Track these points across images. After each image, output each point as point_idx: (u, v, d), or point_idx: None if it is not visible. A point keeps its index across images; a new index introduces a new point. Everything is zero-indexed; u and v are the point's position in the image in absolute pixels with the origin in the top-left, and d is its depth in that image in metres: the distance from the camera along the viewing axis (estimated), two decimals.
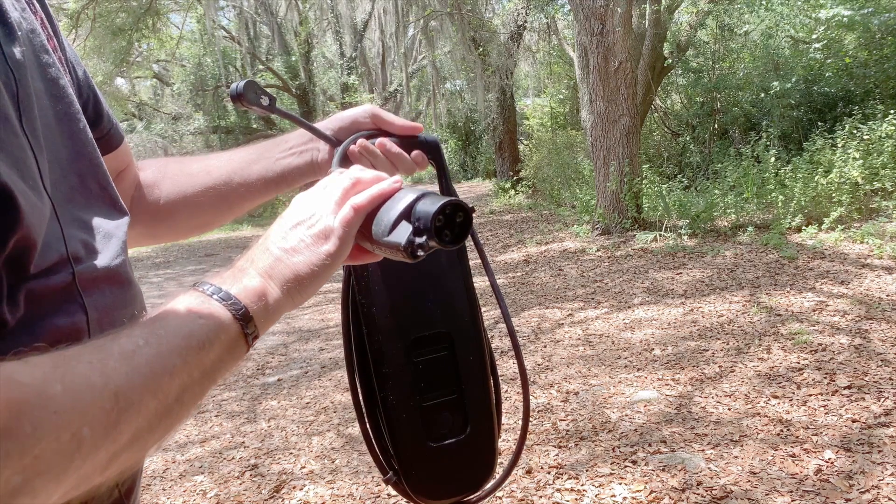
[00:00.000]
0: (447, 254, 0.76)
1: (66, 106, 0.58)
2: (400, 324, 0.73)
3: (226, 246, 12.26)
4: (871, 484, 2.32)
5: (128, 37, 14.21)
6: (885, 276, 4.76)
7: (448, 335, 0.75)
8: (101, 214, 0.59)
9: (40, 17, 0.58)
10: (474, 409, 0.76)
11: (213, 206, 0.85)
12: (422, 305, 0.75)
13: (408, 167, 0.79)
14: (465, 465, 0.76)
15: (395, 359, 0.73)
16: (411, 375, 0.73)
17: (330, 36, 22.00)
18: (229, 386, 4.33)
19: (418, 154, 0.79)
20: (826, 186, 6.62)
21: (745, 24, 10.93)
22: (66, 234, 0.52)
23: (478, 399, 0.76)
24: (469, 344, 0.76)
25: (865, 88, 9.19)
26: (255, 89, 0.72)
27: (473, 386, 0.76)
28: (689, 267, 5.88)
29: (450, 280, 0.76)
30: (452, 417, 0.75)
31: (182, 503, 2.82)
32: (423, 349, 0.74)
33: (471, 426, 0.76)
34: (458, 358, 0.76)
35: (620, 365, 3.80)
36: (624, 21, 7.43)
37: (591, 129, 8.14)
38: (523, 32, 14.67)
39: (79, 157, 0.59)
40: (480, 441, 0.77)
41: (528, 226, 9.78)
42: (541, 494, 2.52)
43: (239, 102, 0.72)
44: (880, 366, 3.31)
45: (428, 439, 0.74)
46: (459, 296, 0.77)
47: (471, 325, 0.77)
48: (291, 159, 0.83)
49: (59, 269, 0.51)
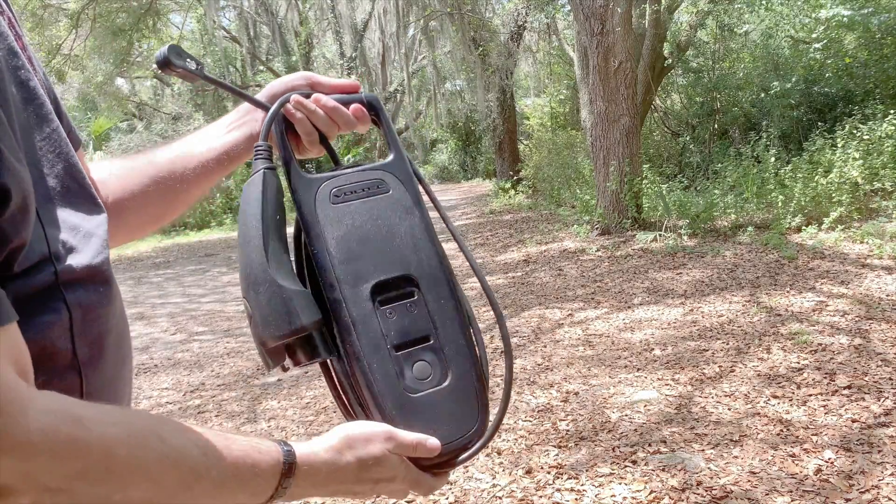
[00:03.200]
0: (402, 201, 0.74)
1: (38, 107, 0.58)
2: (357, 270, 0.69)
3: (226, 246, 12.25)
4: (871, 484, 2.32)
5: (128, 37, 14.20)
6: (885, 276, 4.76)
7: (412, 279, 0.72)
8: (81, 213, 0.59)
9: (7, 17, 0.57)
10: (453, 355, 0.72)
11: (161, 198, 0.83)
12: (380, 251, 0.71)
13: (347, 121, 0.77)
14: (450, 417, 0.71)
15: (356, 306, 0.68)
16: (379, 323, 0.69)
17: (330, 36, 22.00)
18: (229, 386, 4.33)
19: (357, 108, 0.78)
20: (826, 186, 6.62)
21: (745, 24, 10.93)
22: (47, 234, 0.53)
23: (456, 344, 0.72)
24: (439, 287, 0.72)
25: (865, 88, 9.19)
26: (179, 53, 0.70)
27: (449, 330, 0.72)
28: (689, 267, 5.88)
29: (408, 225, 0.73)
30: (431, 365, 0.70)
31: None
32: (388, 294, 0.70)
33: (452, 373, 0.71)
34: (428, 301, 0.71)
35: (620, 365, 3.81)
36: (624, 21, 7.43)
37: (591, 129, 8.14)
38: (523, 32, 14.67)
39: (56, 156, 0.59)
40: (464, 389, 0.72)
41: (528, 226, 9.79)
42: (541, 494, 2.52)
43: (167, 69, 0.70)
44: (880, 366, 3.31)
45: (406, 390, 0.69)
46: (420, 239, 0.73)
47: (438, 268, 0.73)
48: (231, 135, 0.82)
49: (41, 268, 0.51)
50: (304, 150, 0.81)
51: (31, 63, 0.60)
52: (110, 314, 0.59)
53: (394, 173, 0.75)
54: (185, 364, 5.01)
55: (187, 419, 3.78)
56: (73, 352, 0.53)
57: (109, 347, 0.58)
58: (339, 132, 0.79)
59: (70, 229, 0.57)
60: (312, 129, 0.77)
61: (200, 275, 9.36)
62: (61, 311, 0.52)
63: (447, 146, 25.26)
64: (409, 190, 0.75)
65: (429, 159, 27.11)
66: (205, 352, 5.31)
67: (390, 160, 0.77)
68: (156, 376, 4.74)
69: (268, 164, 0.72)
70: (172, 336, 5.98)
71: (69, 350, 0.53)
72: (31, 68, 0.59)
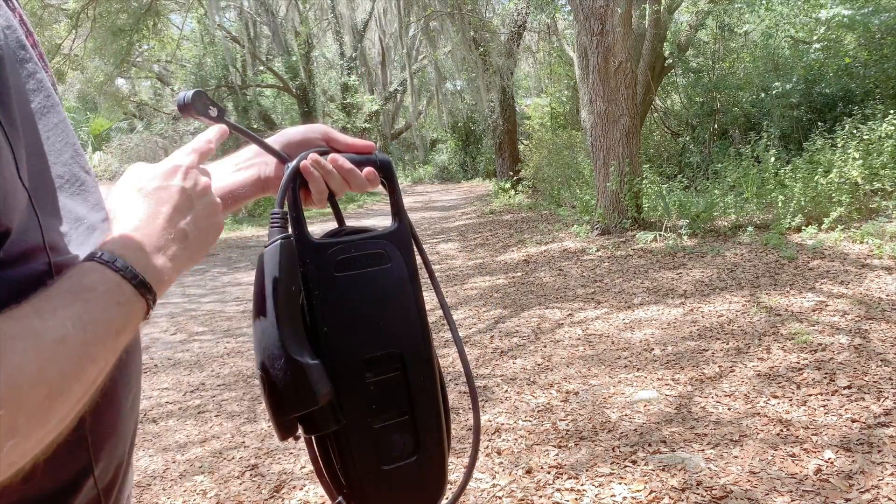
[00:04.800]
0: (399, 274, 0.76)
1: (45, 98, 0.58)
2: (351, 344, 0.72)
3: (226, 246, 12.25)
4: (870, 484, 2.32)
5: (128, 37, 14.20)
6: (885, 276, 4.76)
7: (400, 356, 0.74)
8: (88, 204, 0.59)
9: (18, 14, 0.58)
10: (425, 431, 0.75)
11: None
12: (374, 325, 0.73)
13: (360, 183, 0.78)
14: (416, 488, 0.75)
15: (346, 379, 0.70)
16: (363, 396, 0.71)
17: (330, 36, 22.02)
18: (229, 386, 4.34)
19: (370, 171, 0.78)
20: (826, 186, 6.62)
21: (745, 24, 10.94)
22: (42, 224, 0.52)
23: (429, 421, 0.75)
24: (421, 365, 0.75)
25: (865, 88, 9.20)
26: (203, 100, 0.70)
27: (425, 407, 0.75)
28: (689, 267, 5.88)
29: (402, 300, 0.75)
30: (403, 439, 0.73)
31: (182, 503, 2.82)
32: (375, 369, 0.72)
33: (422, 448, 0.74)
34: (410, 379, 0.74)
35: (620, 365, 3.81)
36: (624, 21, 7.43)
37: (591, 129, 8.15)
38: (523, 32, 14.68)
39: (63, 146, 0.59)
40: (432, 463, 0.75)
41: (528, 226, 9.79)
42: (541, 494, 2.52)
43: (186, 113, 0.70)
44: (880, 366, 3.31)
45: (379, 462, 0.72)
46: (412, 316, 0.76)
47: (423, 346, 0.76)
48: (238, 175, 0.82)
49: (35, 257, 0.51)
50: (309, 204, 0.81)
51: (42, 60, 0.61)
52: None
53: (395, 243, 0.77)
54: (185, 364, 5.01)
55: (187, 419, 3.79)
56: None
57: None
58: (348, 191, 0.80)
59: (73, 220, 0.57)
60: (324, 189, 0.77)
61: (200, 275, 9.37)
62: None
63: (447, 146, 25.28)
64: (407, 262, 0.77)
65: (429, 159, 27.13)
66: (205, 352, 5.31)
67: (394, 229, 0.78)
68: (156, 376, 4.75)
69: (284, 234, 0.72)
70: (172, 336, 5.98)
71: None
72: (41, 65, 0.59)
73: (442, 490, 0.77)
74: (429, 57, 17.29)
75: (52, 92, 0.59)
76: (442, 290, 0.83)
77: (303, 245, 0.72)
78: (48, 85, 0.59)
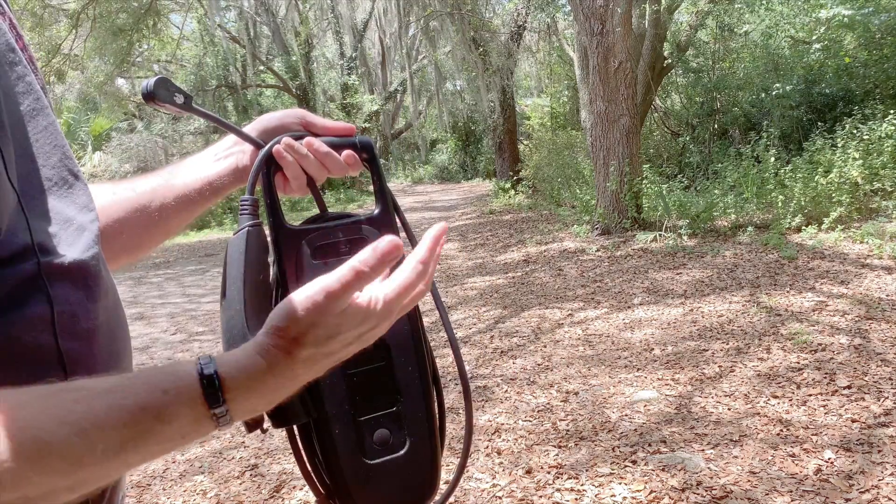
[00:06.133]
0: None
1: (34, 101, 0.58)
2: None
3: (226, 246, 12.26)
4: (870, 484, 2.32)
5: (128, 37, 14.20)
6: (885, 276, 4.76)
7: (386, 345, 0.70)
8: (77, 205, 0.59)
9: (8, 18, 0.58)
10: (413, 424, 0.71)
11: (140, 226, 0.80)
12: None
13: (339, 167, 0.75)
14: (405, 485, 0.71)
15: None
16: (345, 388, 0.68)
17: (330, 36, 22.02)
18: None
19: (349, 154, 0.75)
20: (826, 186, 6.62)
21: (745, 24, 10.93)
22: (31, 226, 0.52)
23: (417, 413, 0.71)
24: (408, 354, 0.71)
25: (865, 88, 9.20)
26: (167, 86, 0.69)
27: (413, 399, 0.71)
28: (688, 267, 5.88)
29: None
30: (391, 433, 0.70)
31: (182, 503, 2.82)
32: (358, 359, 0.67)
33: (410, 442, 0.71)
34: (396, 369, 0.71)
35: (620, 365, 3.81)
36: (624, 21, 7.43)
37: (591, 129, 8.15)
38: (523, 32, 14.68)
39: (53, 148, 0.59)
40: (421, 458, 0.71)
41: (528, 226, 9.78)
42: (541, 494, 2.52)
43: (152, 102, 0.68)
44: (880, 366, 3.31)
45: (364, 456, 0.68)
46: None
47: (409, 334, 0.72)
48: (216, 165, 0.80)
49: (24, 258, 0.51)
50: (289, 191, 0.78)
51: (32, 63, 0.61)
52: (99, 310, 0.58)
53: (379, 228, 0.73)
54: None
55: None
56: (56, 347, 0.52)
57: (99, 344, 0.57)
58: (328, 176, 0.77)
59: (62, 222, 0.56)
60: (301, 174, 0.75)
61: (200, 275, 9.36)
62: (43, 304, 0.52)
63: (447, 146, 25.27)
64: None
65: (429, 159, 27.12)
66: (205, 352, 5.30)
67: (377, 213, 0.74)
68: None
69: (253, 221, 0.70)
70: (172, 336, 5.98)
71: (52, 345, 0.52)
72: (31, 68, 0.59)
73: (433, 488, 0.73)
74: (429, 57, 17.29)
75: (41, 95, 0.59)
76: (438, 289, 0.80)
77: (278, 231, 0.69)
78: (37, 88, 0.59)
